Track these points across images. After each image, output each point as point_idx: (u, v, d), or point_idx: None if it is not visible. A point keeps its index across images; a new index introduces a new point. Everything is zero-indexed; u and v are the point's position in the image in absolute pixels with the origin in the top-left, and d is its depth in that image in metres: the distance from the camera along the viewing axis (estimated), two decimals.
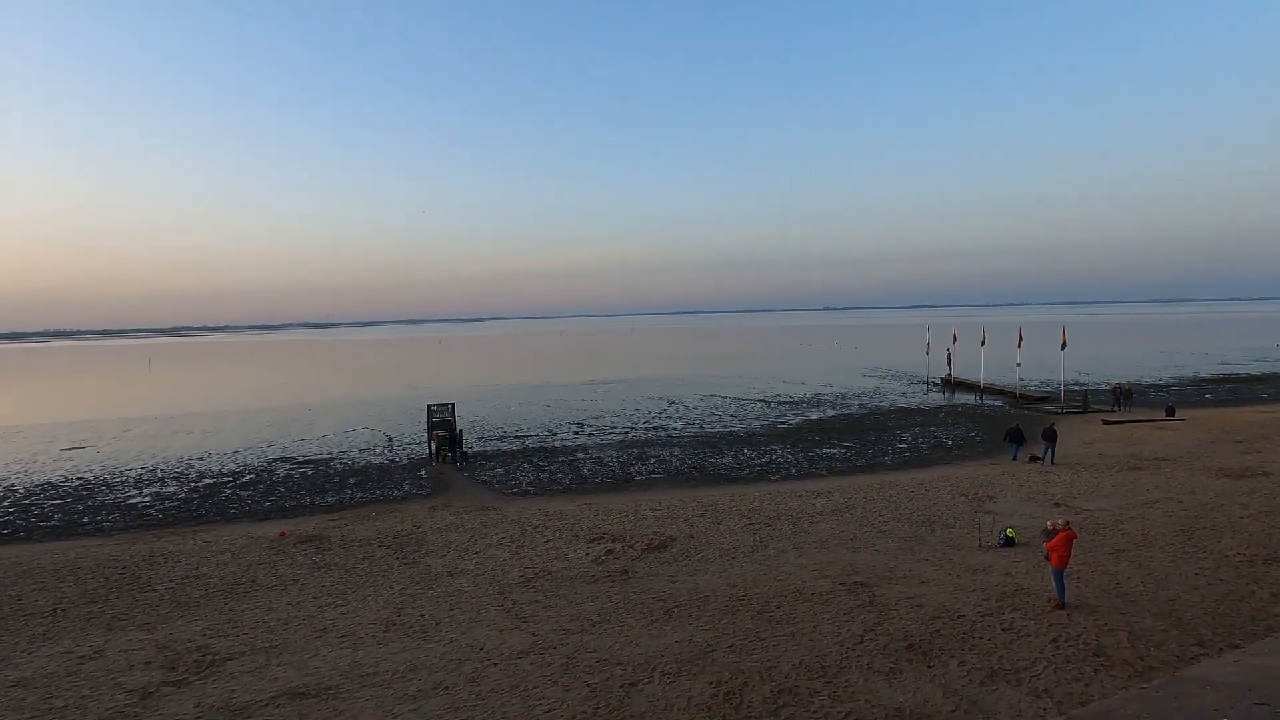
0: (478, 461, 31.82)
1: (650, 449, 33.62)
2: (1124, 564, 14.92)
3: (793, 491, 23.35)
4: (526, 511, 22.11)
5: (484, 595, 14.69)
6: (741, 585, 14.60)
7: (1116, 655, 10.82)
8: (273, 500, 25.88)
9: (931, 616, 12.54)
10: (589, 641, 12.18)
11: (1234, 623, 11.83)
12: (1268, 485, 21.05)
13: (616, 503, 22.90)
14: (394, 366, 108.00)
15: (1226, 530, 16.83)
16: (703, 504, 21.82)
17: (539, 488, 26.54)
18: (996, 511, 19.48)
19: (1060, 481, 22.90)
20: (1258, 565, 14.48)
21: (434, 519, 21.50)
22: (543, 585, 15.13)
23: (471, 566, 16.64)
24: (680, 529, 18.98)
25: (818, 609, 13.14)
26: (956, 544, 16.78)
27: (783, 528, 18.66)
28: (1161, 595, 13.13)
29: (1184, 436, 30.91)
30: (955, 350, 58.43)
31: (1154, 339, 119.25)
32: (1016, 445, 28.65)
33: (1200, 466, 24.14)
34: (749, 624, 12.60)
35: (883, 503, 21.00)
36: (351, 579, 16.19)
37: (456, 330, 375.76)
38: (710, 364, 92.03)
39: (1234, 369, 64.70)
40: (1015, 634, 11.70)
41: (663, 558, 16.67)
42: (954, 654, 11.06)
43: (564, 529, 19.45)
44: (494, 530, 19.74)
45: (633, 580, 15.24)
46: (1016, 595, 13.37)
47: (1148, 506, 19.38)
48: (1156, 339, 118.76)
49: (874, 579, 14.61)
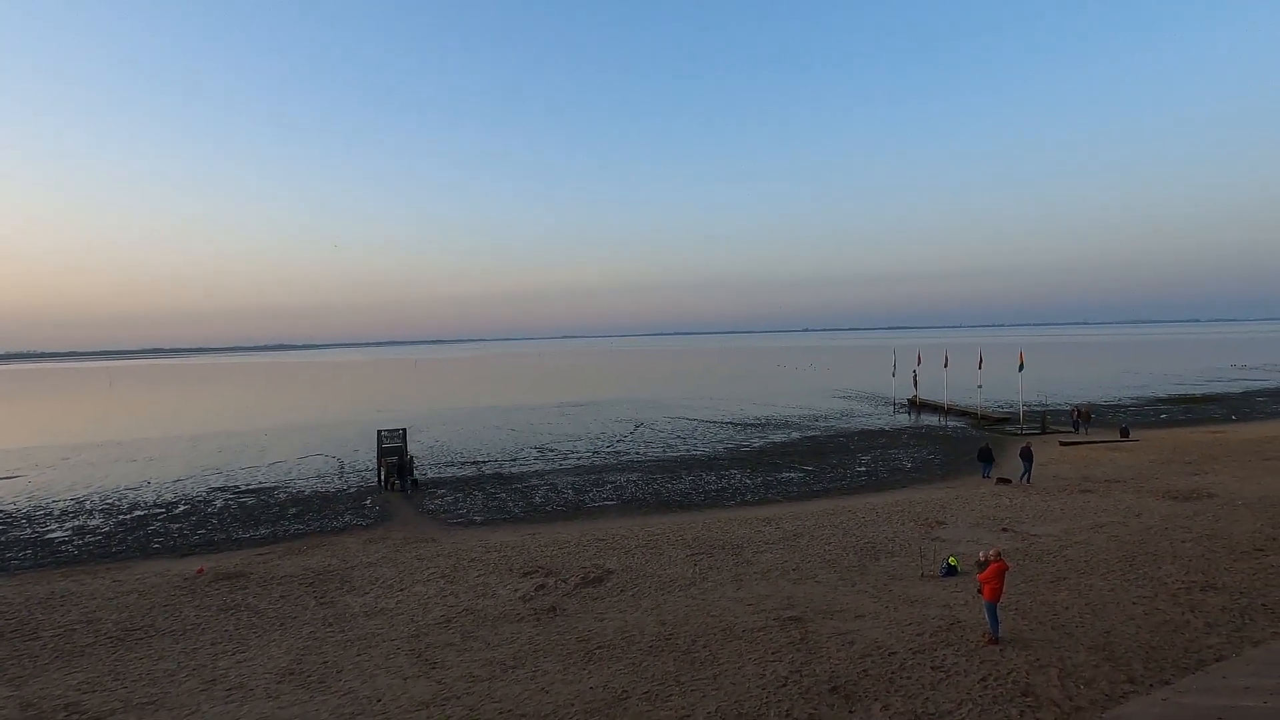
0: (428, 489, 30.82)
1: (608, 474, 32.89)
2: (1063, 593, 14.54)
3: (744, 519, 22.77)
4: (467, 543, 21.24)
5: (397, 638, 13.84)
6: (672, 622, 13.94)
7: (1045, 695, 10.33)
8: (202, 534, 24.66)
9: (862, 655, 11.99)
10: (497, 690, 11.42)
11: (1167, 656, 11.44)
12: (1212, 508, 20.94)
13: (562, 533, 22.12)
14: (363, 390, 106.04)
15: (1168, 556, 16.57)
16: (649, 533, 21.15)
17: (486, 517, 25.66)
18: (944, 538, 19.08)
19: (1011, 505, 22.63)
20: (1195, 593, 14.17)
21: (367, 552, 20.55)
22: (463, 625, 14.32)
23: (392, 605, 15.75)
24: (620, 561, 18.28)
25: (746, 648, 12.51)
26: (899, 574, 16.31)
27: (725, 558, 18.05)
28: (1097, 626, 12.73)
29: (1136, 458, 30.98)
30: (921, 372, 58.71)
31: (1115, 360, 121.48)
32: (987, 465, 28.55)
33: (1149, 489, 24.05)
34: (671, 666, 11.94)
35: (832, 530, 20.51)
36: (260, 621, 15.21)
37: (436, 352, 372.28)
38: (684, 385, 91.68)
39: (1189, 389, 65.80)
40: (945, 673, 11.18)
41: (596, 593, 15.95)
42: (878, 697, 10.50)
43: (500, 562, 18.65)
44: (427, 564, 18.86)
45: (559, 619, 14.50)
46: (951, 630, 12.88)
47: (1094, 531, 19.12)
48: (1117, 360, 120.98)
49: (809, 613, 14.04)
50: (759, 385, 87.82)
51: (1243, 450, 31.39)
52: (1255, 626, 12.46)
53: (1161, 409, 51.97)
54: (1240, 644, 11.77)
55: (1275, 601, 13.58)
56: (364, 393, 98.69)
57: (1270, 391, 62.56)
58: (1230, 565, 15.75)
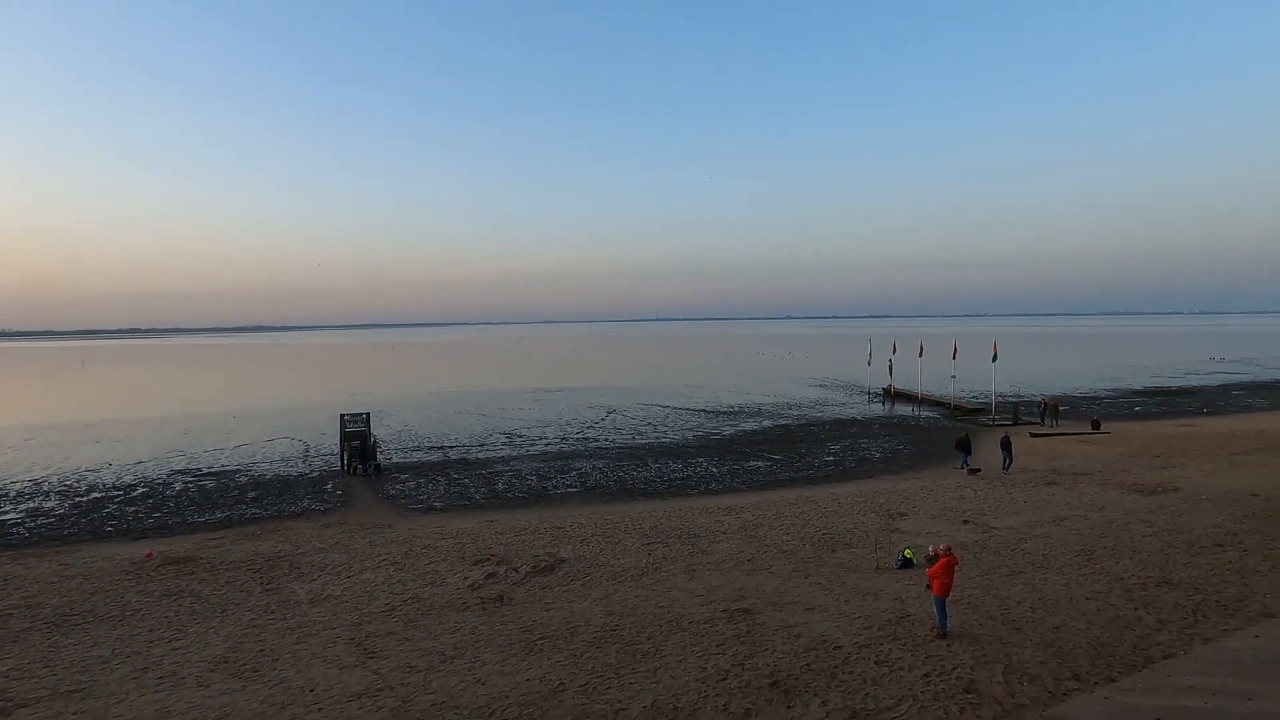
0: (391, 474, 30.34)
1: (574, 461, 32.55)
2: (1018, 587, 14.40)
3: (705, 507, 22.53)
4: (423, 530, 20.84)
5: (339, 626, 13.45)
6: (619, 613, 13.65)
7: (987, 691, 10.14)
8: (157, 517, 24.06)
9: (806, 648, 11.76)
10: (433, 681, 11.07)
11: (1114, 653, 11.30)
12: (1175, 502, 20.97)
13: (521, 520, 21.78)
14: (337, 373, 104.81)
15: (1126, 550, 16.50)
16: (608, 521, 20.85)
17: (446, 503, 25.25)
18: (904, 530, 18.93)
19: (975, 497, 22.55)
20: (1150, 588, 14.08)
21: (320, 538, 20.08)
22: (406, 614, 13.96)
23: (338, 593, 15.35)
24: (575, 549, 17.96)
25: (691, 640, 12.25)
26: (854, 565, 16.12)
27: (680, 548, 17.79)
28: (1048, 622, 12.58)
29: (1106, 450, 31.09)
30: (896, 361, 58.77)
31: (1094, 351, 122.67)
32: (965, 454, 28.64)
33: (1115, 482, 24.07)
34: (613, 658, 11.65)
35: (792, 520, 20.31)
36: (202, 608, 14.76)
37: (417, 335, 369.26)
38: (661, 372, 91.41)
39: (1165, 382, 66.43)
40: (889, 668, 10.97)
41: (546, 582, 15.63)
42: (818, 692, 10.27)
43: (453, 550, 18.26)
44: (378, 551, 18.44)
45: (506, 608, 14.17)
46: (901, 623, 12.68)
47: (1055, 524, 19.05)
48: (1096, 351, 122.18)
49: (759, 605, 13.80)
50: (737, 373, 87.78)
51: (1212, 444, 31.59)
52: (1207, 624, 12.37)
53: (1136, 401, 52.39)
54: (1190, 641, 11.67)
55: (1229, 598, 13.52)
56: (337, 376, 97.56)
57: (1246, 385, 63.25)
58: (1188, 561, 15.71)
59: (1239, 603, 13.19)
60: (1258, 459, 27.29)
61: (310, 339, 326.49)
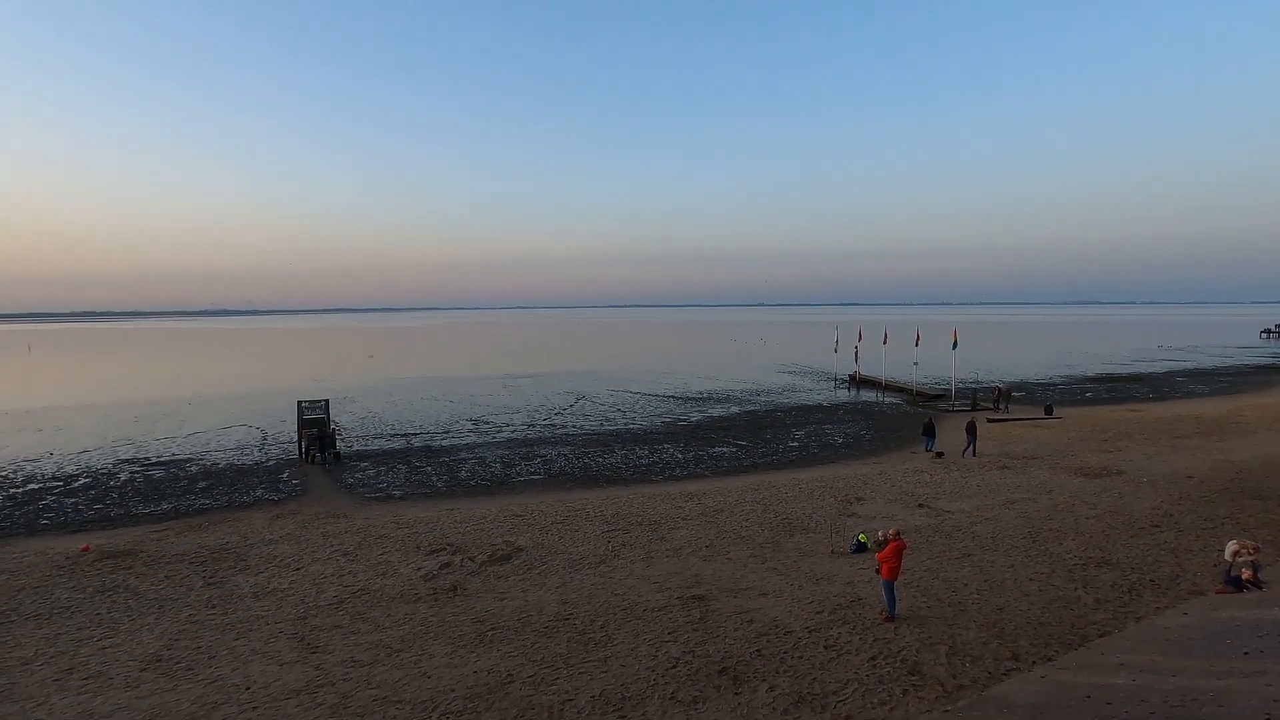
0: (351, 462, 29.75)
1: (540, 448, 32.32)
2: (966, 569, 14.69)
3: (668, 494, 22.54)
4: (379, 519, 20.46)
5: (283, 620, 13.11)
6: (574, 601, 13.57)
7: (930, 673, 10.31)
8: (98, 509, 23.22)
9: (758, 634, 11.82)
10: (376, 675, 10.86)
11: (1053, 633, 11.58)
12: (1118, 485, 21.60)
13: (481, 508, 21.51)
14: (302, 358, 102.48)
15: (1070, 532, 16.95)
16: (569, 508, 20.72)
17: (405, 491, 24.84)
18: (860, 514, 19.17)
19: (931, 482, 22.95)
20: (1090, 569, 14.48)
21: (272, 529, 19.59)
22: (355, 607, 13.66)
23: (285, 585, 14.96)
24: (533, 537, 17.80)
25: (643, 628, 12.22)
26: (811, 550, 16.27)
27: (640, 534, 17.75)
28: (992, 603, 12.85)
29: (1057, 435, 31.92)
30: (863, 348, 59.53)
31: (1052, 340, 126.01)
32: (930, 439, 29.36)
33: (1063, 465, 24.71)
34: (563, 648, 11.56)
35: (753, 505, 20.42)
36: (138, 604, 14.25)
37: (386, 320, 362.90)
38: (633, 358, 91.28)
39: (1116, 369, 68.51)
40: (837, 652, 11.09)
41: (501, 571, 15.46)
42: (766, 677, 10.33)
43: (408, 539, 17.96)
44: (331, 541, 18.05)
45: (459, 598, 13.97)
46: (852, 607, 12.83)
47: (1005, 507, 19.48)
48: (1054, 340, 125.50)
49: (715, 591, 13.84)
50: (708, 359, 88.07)
51: (1156, 428, 32.66)
52: (1141, 602, 12.75)
53: (1088, 388, 53.88)
54: (1124, 620, 12.01)
55: (1163, 577, 13.98)
56: (302, 361, 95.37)
57: (1190, 371, 65.51)
58: (1127, 541, 16.19)
59: (1171, 581, 13.64)
60: (1196, 442, 28.29)
61: (274, 323, 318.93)
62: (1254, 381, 56.50)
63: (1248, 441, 28.34)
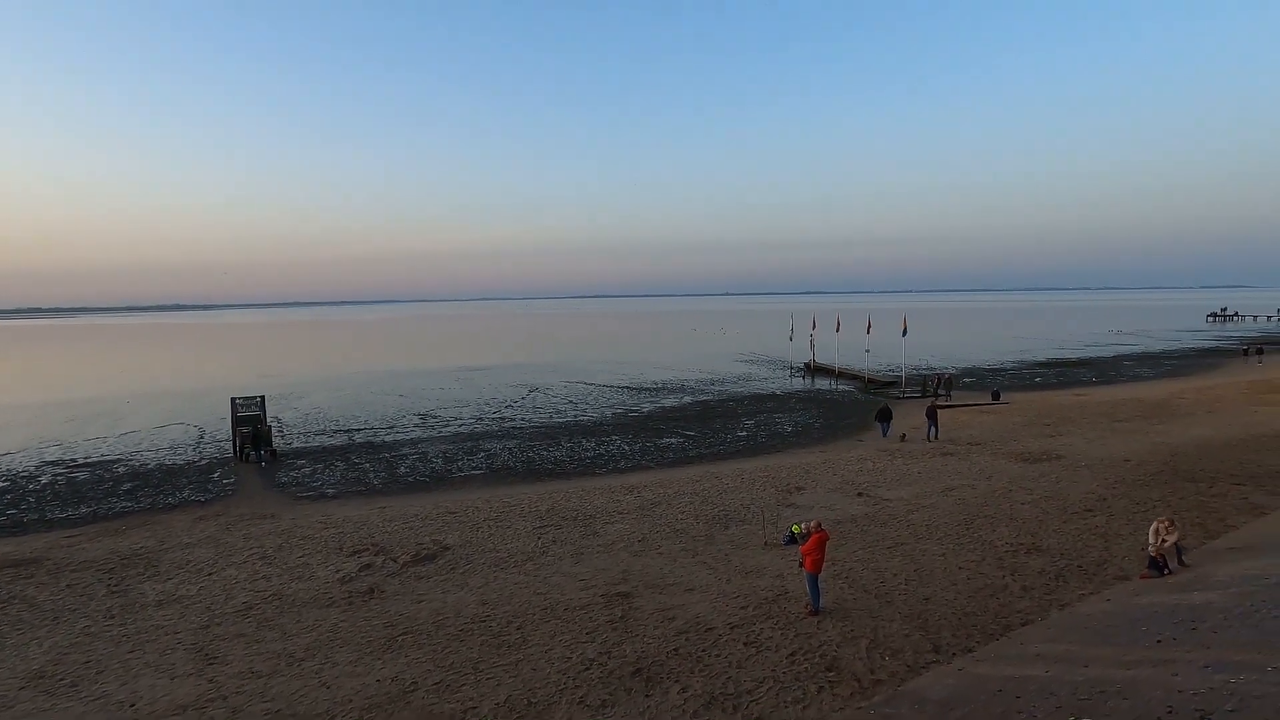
0: (288, 460, 28.72)
1: (486, 441, 31.64)
2: (897, 559, 14.59)
3: (608, 487, 22.14)
4: (307, 519, 19.65)
5: (184, 630, 12.37)
6: (493, 602, 13.09)
7: (848, 669, 10.10)
8: (11, 514, 21.92)
9: (679, 631, 11.51)
10: (273, 687, 10.25)
11: (977, 622, 11.48)
12: (1056, 469, 21.85)
13: (414, 505, 20.85)
14: (252, 353, 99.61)
15: (1005, 519, 17.00)
16: (505, 504, 20.18)
17: (340, 490, 24.00)
18: (799, 504, 19.01)
19: (873, 469, 22.95)
20: (1020, 555, 14.49)
21: (191, 532, 18.67)
22: (263, 613, 12.98)
23: (193, 592, 14.18)
24: (463, 535, 17.24)
25: (561, 628, 11.81)
26: (744, 542, 16.02)
27: (573, 530, 17.32)
28: (919, 593, 12.74)
29: (1002, 420, 32.34)
30: (818, 336, 59.88)
31: (1008, 325, 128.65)
32: (885, 424, 29.74)
33: (1005, 451, 24.96)
34: (475, 652, 11.08)
35: (692, 497, 20.14)
36: (32, 616, 13.35)
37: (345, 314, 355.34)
38: (591, 349, 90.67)
39: (1066, 353, 70.13)
40: (757, 649, 10.82)
41: (424, 571, 14.89)
42: (680, 678, 10.00)
43: (332, 540, 17.25)
44: (251, 544, 17.24)
45: (374, 601, 13.38)
46: (778, 601, 12.60)
47: (943, 494, 19.52)
48: (1010, 325, 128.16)
49: (640, 588, 13.49)
50: (667, 349, 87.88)
51: (1098, 412, 33.28)
52: (1066, 589, 12.75)
53: (1038, 372, 54.98)
54: (1048, 607, 11.98)
55: (1090, 562, 14.03)
56: (252, 356, 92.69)
57: (1137, 356, 67.34)
58: (1059, 527, 16.29)
59: (1098, 567, 13.70)
60: (1135, 425, 28.89)
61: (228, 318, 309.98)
62: (1197, 365, 58.33)
63: (1184, 424, 29.03)
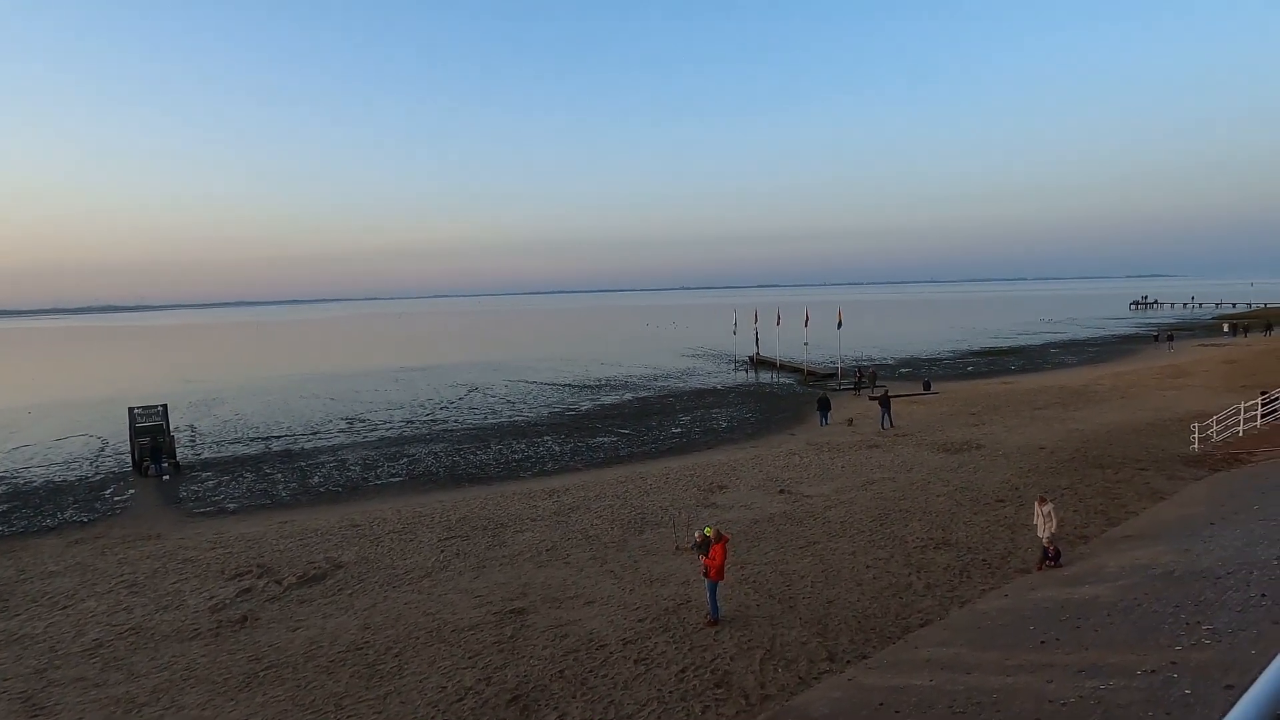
0: (193, 472, 26.95)
1: (411, 446, 30.37)
2: (807, 559, 14.20)
3: (528, 492, 21.30)
4: (196, 539, 18.24)
5: (16, 676, 11.05)
6: (376, 626, 12.14)
7: (738, 685, 9.55)
8: None
9: (568, 651, 10.80)
10: None
11: (876, 625, 11.10)
12: (975, 459, 21.96)
13: (319, 518, 19.61)
14: (179, 357, 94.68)
15: (918, 512, 16.84)
16: (415, 514, 19.16)
17: (243, 503, 22.53)
18: (719, 504, 18.55)
19: (799, 465, 22.70)
20: (929, 551, 14.26)
21: (59, 559, 17.08)
22: (114, 651, 11.75)
23: (39, 630, 12.80)
24: (361, 551, 16.18)
25: (444, 653, 10.97)
26: (655, 548, 15.43)
27: (480, 541, 16.45)
28: (823, 596, 12.33)
29: (930, 410, 32.69)
30: (761, 329, 60.06)
31: (945, 316, 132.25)
32: (824, 413, 30.95)
33: (929, 441, 25.06)
34: (342, 686, 10.15)
35: (612, 500, 19.48)
36: None
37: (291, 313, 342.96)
38: (538, 346, 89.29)
39: (999, 342, 72.15)
40: (648, 665, 10.20)
41: (308, 594, 13.82)
42: (560, 704, 9.29)
43: (215, 562, 15.96)
44: (123, 570, 15.82)
45: (245, 631, 12.28)
46: (679, 611, 12.02)
47: (863, 489, 19.32)
48: (947, 316, 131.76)
49: (537, 603, 12.74)
50: (616, 345, 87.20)
51: (1021, 400, 33.95)
52: (969, 585, 12.51)
53: (970, 362, 56.22)
54: (949, 606, 11.69)
55: (995, 556, 13.87)
56: (178, 361, 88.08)
57: (1064, 343, 69.69)
58: (970, 519, 16.17)
59: (1002, 560, 13.55)
60: (1054, 413, 29.48)
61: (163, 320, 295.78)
62: (1116, 351, 60.59)
63: (1099, 410, 29.76)
